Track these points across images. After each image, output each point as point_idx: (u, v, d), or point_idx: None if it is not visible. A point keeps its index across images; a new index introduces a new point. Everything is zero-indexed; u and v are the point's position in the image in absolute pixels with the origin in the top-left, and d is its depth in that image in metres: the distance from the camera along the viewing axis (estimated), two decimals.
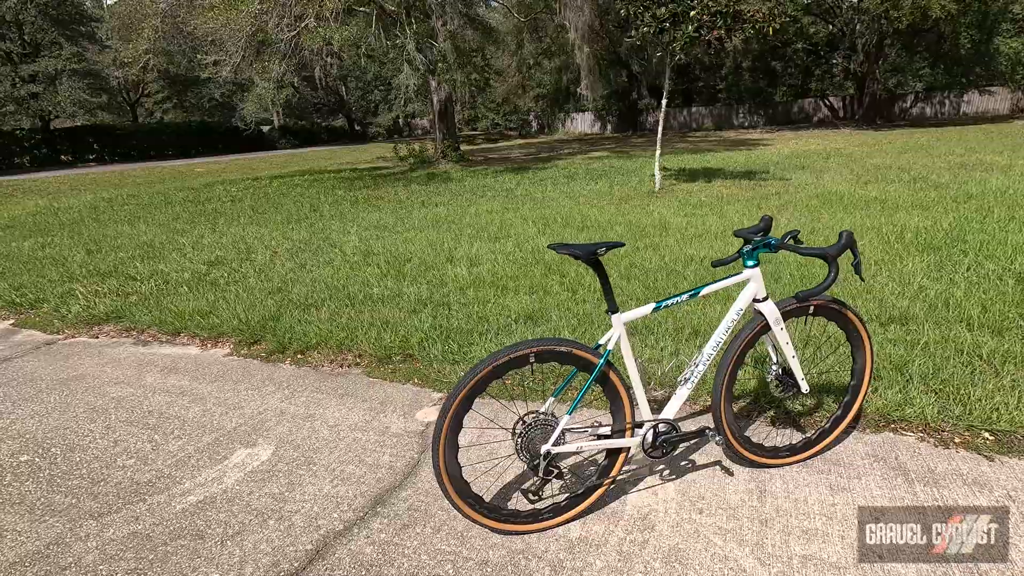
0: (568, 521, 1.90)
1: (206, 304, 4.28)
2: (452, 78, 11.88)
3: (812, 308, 2.00)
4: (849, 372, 2.20)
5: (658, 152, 9.16)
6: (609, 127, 38.04)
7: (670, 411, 1.96)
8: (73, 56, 23.51)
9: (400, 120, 43.31)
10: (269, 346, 3.56)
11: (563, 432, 1.81)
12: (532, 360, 1.75)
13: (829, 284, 1.75)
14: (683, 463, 2.22)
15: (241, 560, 1.84)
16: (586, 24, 13.78)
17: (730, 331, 1.93)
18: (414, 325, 3.61)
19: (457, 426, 1.73)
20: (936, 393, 2.50)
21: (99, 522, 2.06)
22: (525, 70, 25.64)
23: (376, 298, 4.26)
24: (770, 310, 1.92)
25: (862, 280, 1.59)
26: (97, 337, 4.01)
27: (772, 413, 2.52)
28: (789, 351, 1.98)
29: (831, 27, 28.92)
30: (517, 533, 1.87)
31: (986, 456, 2.15)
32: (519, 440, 1.79)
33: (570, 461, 2.20)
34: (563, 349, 1.77)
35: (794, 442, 2.17)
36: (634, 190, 9.35)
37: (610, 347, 1.79)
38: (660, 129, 9.29)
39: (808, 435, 2.18)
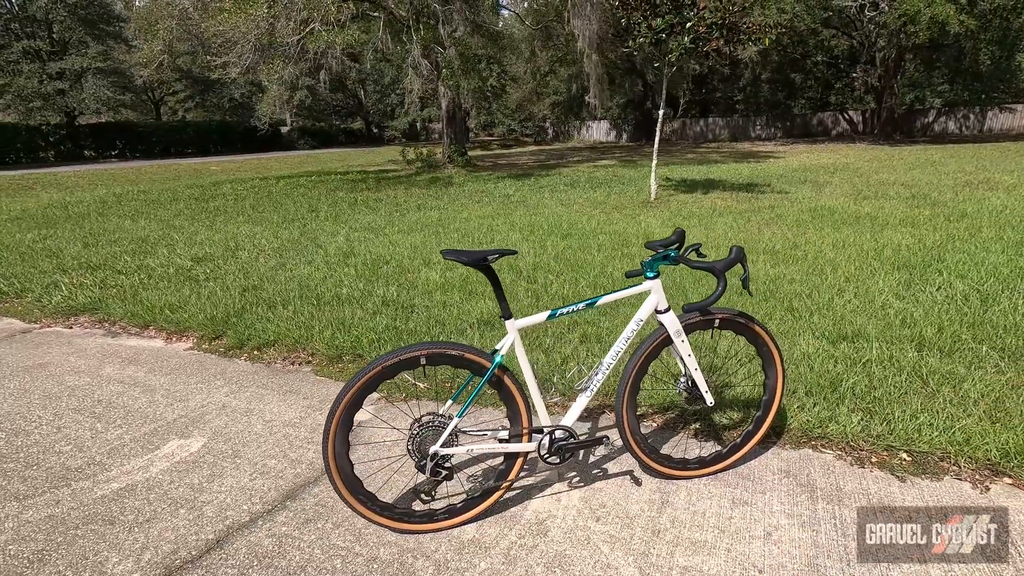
0: (464, 523, 1.93)
1: (178, 299, 4.38)
2: (456, 84, 12.00)
3: (717, 321, 2.01)
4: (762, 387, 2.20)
5: (654, 162, 9.15)
6: (624, 136, 38.02)
7: (568, 418, 1.98)
8: (99, 55, 24.26)
9: (418, 124, 43.79)
10: (229, 342, 3.65)
11: (455, 434, 1.85)
12: (423, 362, 1.79)
13: (716, 298, 1.76)
14: (595, 471, 2.24)
15: (143, 546, 1.91)
16: (595, 32, 13.82)
17: (629, 341, 1.95)
18: (370, 326, 3.66)
19: (347, 424, 1.78)
20: (864, 412, 2.48)
21: (21, 504, 2.14)
22: (539, 77, 25.71)
23: (344, 298, 4.33)
24: (670, 322, 1.93)
25: (750, 295, 1.59)
26: (71, 327, 4.14)
27: (696, 426, 2.52)
28: (692, 364, 1.99)
29: (852, 40, 28.59)
30: (412, 532, 1.90)
31: (898, 476, 2.13)
32: (412, 440, 1.83)
33: (465, 463, 2.23)
34: (454, 353, 1.81)
35: (704, 455, 2.17)
36: (630, 199, 9.35)
37: (503, 352, 1.83)
38: (657, 139, 9.29)
39: (719, 449, 2.18)
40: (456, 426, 1.83)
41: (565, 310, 1.88)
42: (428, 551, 1.84)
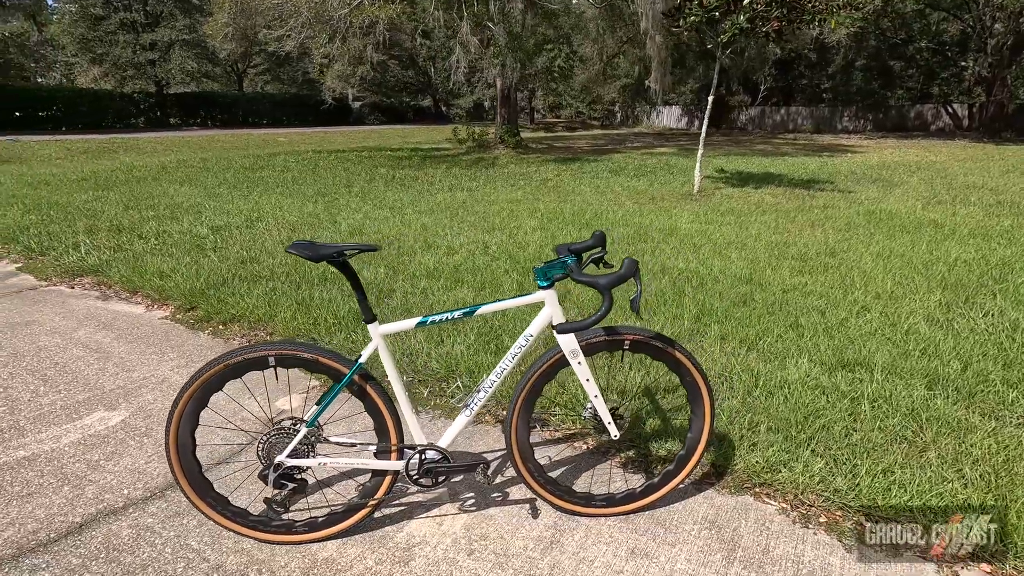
0: (325, 538, 1.77)
1: (171, 267, 4.47)
2: (502, 62, 11.68)
3: (627, 343, 1.71)
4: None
5: (699, 152, 8.53)
6: (697, 122, 36.23)
7: (444, 439, 1.76)
8: (186, 28, 25.69)
9: (485, 103, 43.67)
10: (199, 314, 3.66)
11: (311, 444, 1.68)
12: (272, 363, 1.62)
13: (600, 317, 1.47)
14: (495, 495, 2.01)
15: (11, 522, 1.87)
16: (658, 12, 13.03)
17: (516, 359, 1.70)
18: (334, 310, 3.56)
19: (191, 422, 1.65)
20: (831, 459, 2.10)
21: None
22: (606, 58, 24.74)
23: (328, 277, 4.26)
24: (566, 341, 1.66)
25: (639, 316, 1.31)
26: (73, 288, 4.31)
27: (618, 458, 2.23)
28: (591, 389, 1.71)
29: (964, 24, 25.60)
30: (267, 542, 1.76)
31: (845, 545, 1.77)
32: (262, 446, 1.68)
33: (335, 475, 2.06)
34: (308, 356, 1.63)
35: (615, 492, 1.89)
36: (671, 191, 8.79)
37: (362, 360, 1.63)
38: (704, 128, 8.65)
39: (633, 487, 1.90)
40: (307, 435, 1.65)
41: (438, 317, 1.65)
42: (276, 566, 1.70)
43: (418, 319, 1.66)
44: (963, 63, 26.91)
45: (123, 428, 2.43)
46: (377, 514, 1.90)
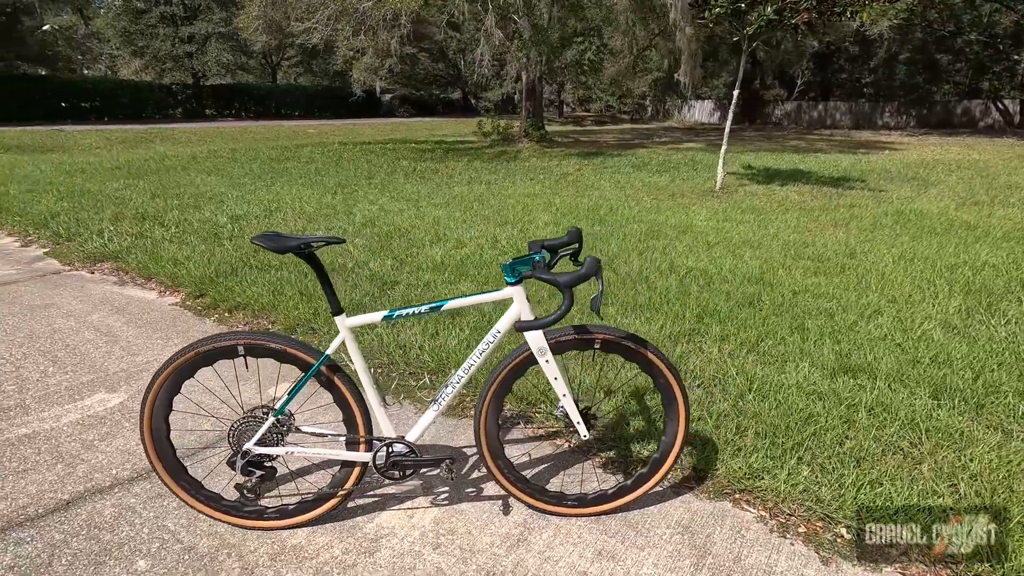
0: (295, 526, 1.80)
1: (185, 255, 4.58)
2: (526, 55, 11.60)
3: (598, 343, 1.68)
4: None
5: (723, 148, 8.33)
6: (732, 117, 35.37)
7: (413, 433, 1.76)
8: (222, 20, 26.31)
9: (515, 96, 43.54)
10: (208, 301, 3.75)
11: (280, 434, 1.70)
12: (242, 352, 1.64)
13: (559, 316, 1.44)
14: (469, 489, 2.01)
15: (3, 496, 1.96)
16: (687, 3, 12.73)
17: (484, 355, 1.68)
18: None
19: (164, 408, 1.69)
20: (818, 468, 2.03)
21: None
22: (636, 51, 24.34)
23: (334, 267, 4.31)
24: (534, 338, 1.64)
25: (599, 316, 1.27)
26: (93, 272, 4.47)
27: (597, 458, 2.19)
28: (559, 388, 1.69)
29: (1017, 16, 24.34)
30: (240, 527, 1.80)
31: (823, 558, 1.71)
32: (233, 433, 1.70)
33: (308, 464, 2.08)
34: (276, 345, 1.65)
35: (587, 492, 1.87)
36: (693, 187, 8.62)
37: (329, 351, 1.64)
38: (728, 123, 8.43)
39: (606, 488, 1.86)
40: (276, 425, 1.68)
41: (404, 312, 1.65)
42: (245, 551, 1.73)
43: (384, 312, 1.66)
44: (1016, 56, 25.58)
45: (120, 410, 2.51)
46: (350, 504, 1.92)
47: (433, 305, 1.65)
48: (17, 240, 5.44)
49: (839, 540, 1.76)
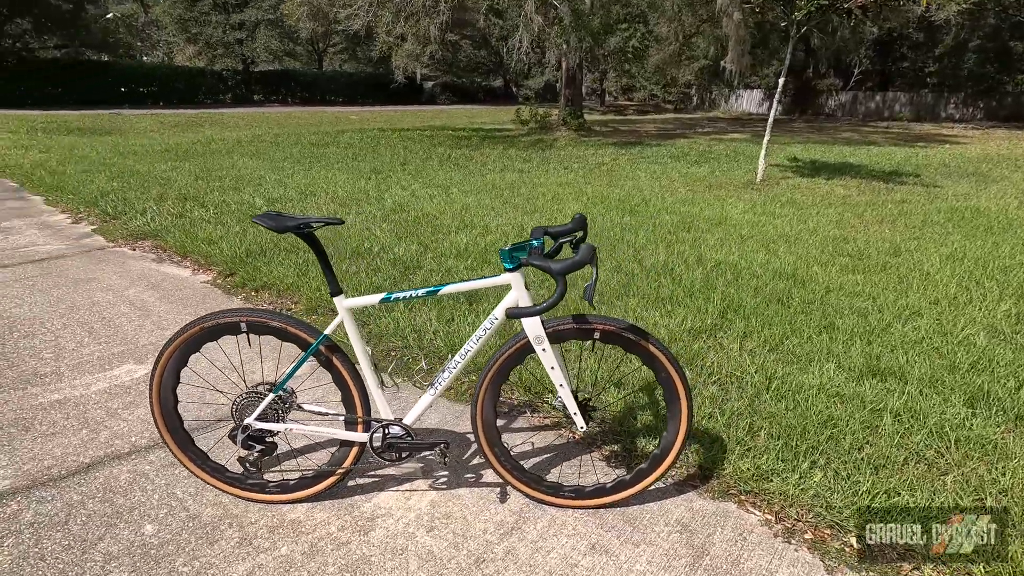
0: (294, 501, 1.84)
1: (220, 234, 4.73)
2: (565, 41, 11.40)
3: (598, 333, 1.64)
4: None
5: (766, 139, 8.02)
6: (780, 107, 34.03)
7: (410, 415, 1.76)
8: (271, 8, 26.96)
9: (557, 85, 43.11)
10: (237, 279, 3.86)
11: (281, 410, 1.73)
12: (244, 329, 1.68)
13: (552, 304, 1.41)
14: (468, 476, 2.01)
15: (32, 457, 2.07)
16: None
17: (481, 341, 1.66)
18: (355, 283, 3.65)
19: (172, 380, 1.74)
20: (832, 472, 1.94)
21: None
22: (682, 38, 23.63)
23: (359, 251, 4.37)
24: (531, 326, 1.61)
25: (592, 306, 1.22)
26: (135, 249, 4.67)
27: (609, 448, 2.15)
28: (556, 378, 1.65)
29: None
30: (242, 499, 1.85)
31: (827, 567, 1.63)
32: (236, 407, 1.75)
33: (302, 443, 2.11)
34: (276, 324, 1.67)
35: (585, 485, 1.84)
36: (732, 179, 8.34)
37: (328, 331, 1.65)
38: (772, 112, 8.10)
39: (604, 482, 1.83)
40: (276, 401, 1.71)
41: (402, 295, 1.64)
42: (247, 522, 1.78)
43: (382, 295, 1.66)
44: None
45: (145, 381, 2.61)
46: (351, 483, 1.95)
47: (430, 289, 1.64)
48: (70, 217, 5.73)
49: (847, 549, 1.68)
